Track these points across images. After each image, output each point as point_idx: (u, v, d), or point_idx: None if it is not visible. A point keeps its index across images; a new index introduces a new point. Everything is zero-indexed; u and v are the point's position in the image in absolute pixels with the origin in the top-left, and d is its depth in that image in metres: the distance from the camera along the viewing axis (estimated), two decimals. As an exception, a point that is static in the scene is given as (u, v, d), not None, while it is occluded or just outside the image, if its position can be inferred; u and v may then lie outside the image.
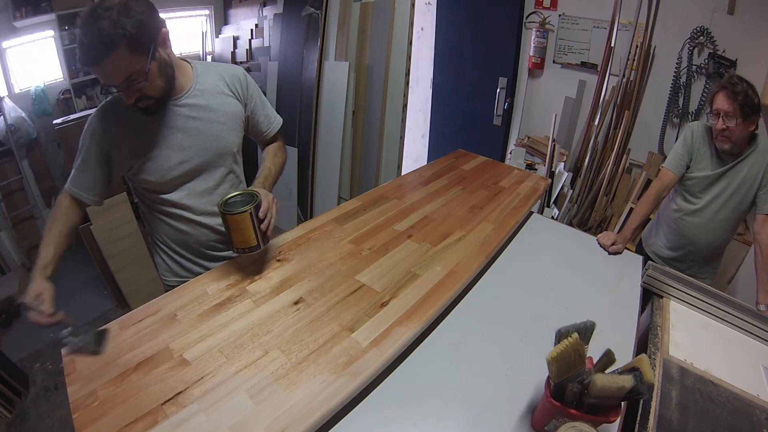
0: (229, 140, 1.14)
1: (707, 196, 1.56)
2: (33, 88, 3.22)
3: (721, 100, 1.42)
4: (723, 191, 1.53)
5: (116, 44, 0.83)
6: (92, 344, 0.86)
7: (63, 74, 3.37)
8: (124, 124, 1.02)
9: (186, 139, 1.07)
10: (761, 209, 1.47)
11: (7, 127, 2.98)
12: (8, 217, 3.16)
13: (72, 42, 3.31)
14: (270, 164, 1.22)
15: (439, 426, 0.80)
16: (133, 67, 0.88)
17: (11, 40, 3.08)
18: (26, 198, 3.26)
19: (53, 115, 3.22)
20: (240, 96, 1.16)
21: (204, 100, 1.09)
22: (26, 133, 3.12)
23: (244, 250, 1.00)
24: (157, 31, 0.94)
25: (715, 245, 1.64)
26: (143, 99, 0.96)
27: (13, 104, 3.06)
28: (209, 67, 1.14)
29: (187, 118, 1.06)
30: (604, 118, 2.61)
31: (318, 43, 2.92)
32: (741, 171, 1.49)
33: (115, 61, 0.85)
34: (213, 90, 1.11)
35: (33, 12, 3.07)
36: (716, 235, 1.60)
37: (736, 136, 1.42)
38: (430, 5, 3.32)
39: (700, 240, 1.61)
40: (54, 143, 3.38)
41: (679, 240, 1.66)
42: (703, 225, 1.59)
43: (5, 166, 3.12)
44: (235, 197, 1.01)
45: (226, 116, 1.12)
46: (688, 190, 1.61)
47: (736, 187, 1.50)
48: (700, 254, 1.65)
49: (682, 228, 1.64)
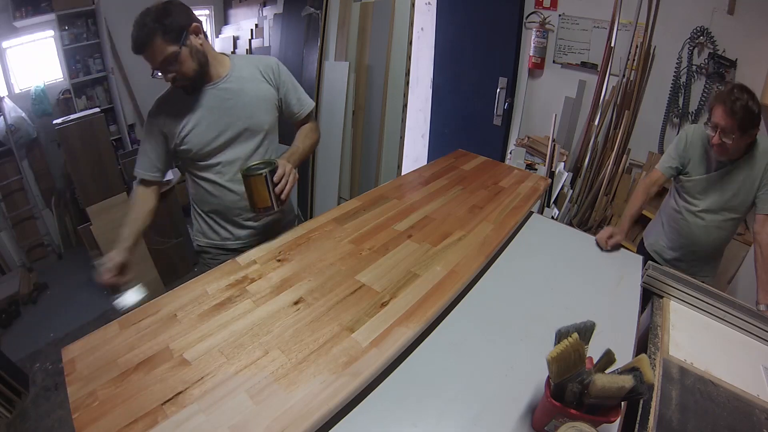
0: (260, 119, 1.33)
1: (708, 197, 1.55)
2: (33, 88, 3.22)
3: (719, 114, 1.36)
4: (723, 193, 1.52)
5: (153, 35, 1.09)
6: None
7: (63, 74, 3.38)
8: (173, 107, 1.26)
9: (222, 116, 1.27)
10: (761, 209, 1.46)
11: (7, 127, 2.98)
12: (8, 217, 3.16)
13: (72, 42, 3.31)
14: (299, 143, 1.39)
15: (439, 426, 0.80)
16: (166, 53, 1.11)
17: (11, 40, 3.09)
18: (26, 198, 3.26)
19: (53, 115, 3.22)
20: (272, 82, 1.34)
21: (239, 85, 1.28)
22: (26, 133, 3.12)
23: (261, 210, 1.15)
24: (188, 24, 1.15)
25: (717, 245, 1.63)
26: (179, 80, 1.18)
27: (13, 104, 3.06)
28: (246, 59, 1.36)
29: (223, 99, 1.26)
30: (604, 118, 2.61)
31: (318, 43, 2.92)
32: (741, 172, 1.47)
33: (153, 48, 1.10)
34: (248, 77, 1.30)
35: (33, 12, 3.07)
36: (718, 235, 1.59)
37: (733, 149, 1.40)
38: (430, 5, 3.31)
39: (701, 240, 1.61)
40: (54, 143, 3.38)
41: (680, 240, 1.66)
42: (704, 226, 1.59)
43: (5, 166, 3.12)
44: (258, 164, 1.16)
45: (258, 99, 1.31)
46: (687, 191, 1.60)
47: (737, 189, 1.49)
48: (701, 254, 1.65)
49: (684, 228, 1.63)
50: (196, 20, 1.18)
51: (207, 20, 4.31)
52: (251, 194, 1.13)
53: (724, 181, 1.50)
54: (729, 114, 1.33)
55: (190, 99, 1.25)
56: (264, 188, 1.12)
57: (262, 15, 3.83)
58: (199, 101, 1.25)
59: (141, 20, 1.10)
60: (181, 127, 1.25)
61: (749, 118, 1.32)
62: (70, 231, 3.54)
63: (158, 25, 1.08)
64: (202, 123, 1.26)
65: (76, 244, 3.53)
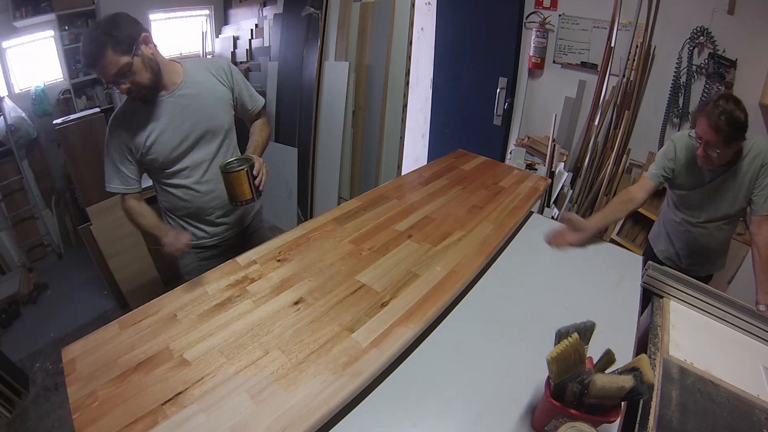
0: (220, 119, 1.37)
1: (705, 210, 1.55)
2: (33, 88, 3.22)
3: (703, 128, 1.33)
4: (720, 203, 1.52)
5: (104, 48, 1.08)
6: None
7: (63, 74, 3.37)
8: (133, 120, 1.26)
9: (184, 122, 1.29)
10: (756, 210, 1.46)
11: (7, 127, 2.98)
12: (8, 217, 3.16)
13: (72, 42, 3.31)
14: (257, 137, 1.45)
15: (439, 426, 0.80)
16: (119, 64, 1.11)
17: (11, 40, 3.08)
18: (26, 198, 3.26)
19: (53, 115, 3.22)
20: (226, 82, 1.38)
21: (195, 89, 1.30)
22: (26, 133, 3.12)
23: (242, 202, 1.20)
24: (138, 34, 1.15)
25: (724, 242, 1.67)
26: (135, 90, 1.17)
27: (13, 104, 3.06)
28: (196, 63, 1.37)
29: (182, 106, 1.28)
30: (604, 118, 2.61)
31: (318, 43, 2.92)
32: (734, 180, 1.46)
33: (105, 61, 1.09)
34: (202, 81, 1.33)
35: (33, 12, 3.07)
36: (723, 236, 1.62)
37: (719, 161, 1.39)
38: (430, 5, 3.31)
39: (710, 245, 1.63)
40: (54, 143, 3.38)
41: (691, 248, 1.67)
42: (708, 234, 1.60)
43: (5, 166, 3.12)
44: (233, 161, 1.21)
45: (215, 100, 1.35)
46: (684, 204, 1.60)
47: (733, 197, 1.48)
48: (712, 255, 1.68)
49: (690, 239, 1.65)
50: (145, 30, 1.19)
51: (207, 20, 4.30)
52: (233, 189, 1.19)
53: (719, 191, 1.50)
54: (713, 128, 1.30)
55: (150, 109, 1.25)
56: (245, 182, 1.19)
57: (262, 15, 3.83)
58: (159, 110, 1.26)
59: (90, 34, 1.09)
60: (145, 138, 1.26)
61: (734, 130, 1.30)
62: (70, 231, 3.54)
63: (108, 37, 1.08)
64: (166, 131, 1.27)
65: (76, 244, 3.53)
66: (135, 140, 1.26)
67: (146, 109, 1.25)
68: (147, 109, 1.25)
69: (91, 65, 1.10)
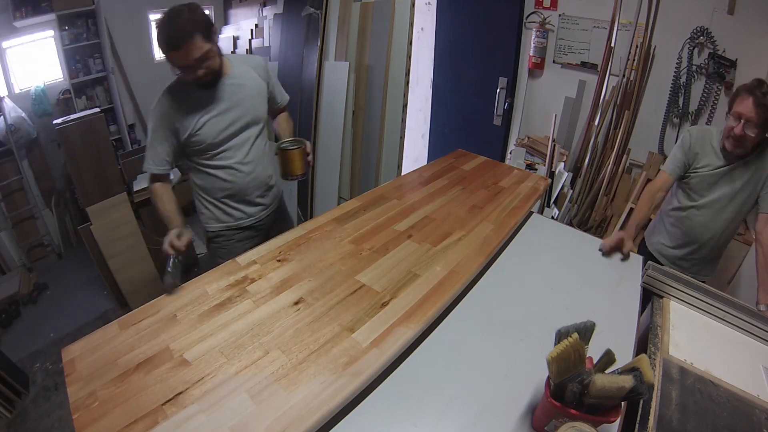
0: (260, 109, 1.51)
1: (712, 193, 1.54)
2: (33, 88, 3.22)
3: (747, 105, 1.33)
4: (728, 189, 1.51)
5: (193, 33, 1.18)
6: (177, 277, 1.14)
7: (63, 74, 3.37)
8: (185, 100, 1.34)
9: (234, 107, 1.40)
10: (763, 208, 1.46)
11: (7, 127, 2.98)
12: (8, 217, 3.16)
13: (72, 42, 3.31)
14: (286, 125, 1.65)
15: (439, 426, 0.80)
16: (204, 49, 1.22)
17: (11, 40, 3.08)
18: (26, 198, 3.26)
19: (53, 115, 3.22)
20: (264, 77, 1.51)
21: (242, 80, 1.43)
22: (26, 133, 3.12)
23: (297, 176, 1.40)
24: (212, 25, 1.27)
25: (719, 243, 1.63)
26: (208, 74, 1.28)
27: (13, 104, 3.06)
28: (237, 58, 1.50)
29: (232, 93, 1.39)
30: (604, 118, 2.61)
31: (318, 43, 2.92)
32: (748, 170, 1.46)
33: (191, 46, 1.19)
34: (246, 74, 1.45)
35: (33, 12, 3.07)
36: (720, 232, 1.59)
37: (751, 143, 1.38)
38: (430, 5, 3.31)
39: (704, 237, 1.60)
40: (54, 143, 3.38)
41: (683, 238, 1.65)
42: (706, 222, 1.58)
43: (5, 166, 3.12)
44: (287, 142, 1.39)
45: (257, 92, 1.48)
46: (691, 188, 1.59)
47: (742, 185, 1.48)
48: (704, 251, 1.64)
49: (686, 225, 1.63)
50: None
51: (207, 20, 4.30)
52: (289, 165, 1.37)
53: (732, 175, 1.49)
54: (758, 106, 1.31)
55: (204, 93, 1.35)
56: (302, 159, 1.38)
57: (262, 15, 3.83)
58: (216, 94, 1.36)
59: (174, 20, 1.17)
60: (197, 120, 1.34)
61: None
62: (70, 231, 3.54)
63: (197, 24, 1.19)
64: (218, 114, 1.37)
65: (76, 244, 3.53)
66: (185, 121, 1.33)
67: (200, 91, 1.34)
68: (200, 91, 1.34)
69: (176, 48, 1.17)
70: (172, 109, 1.33)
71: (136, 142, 3.87)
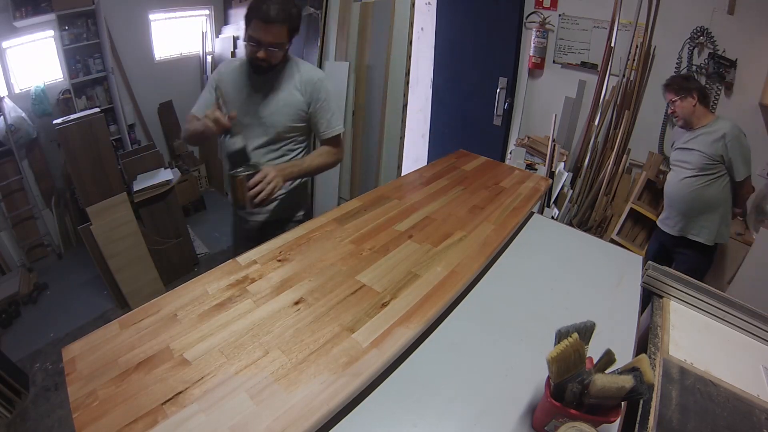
0: (279, 121, 1.45)
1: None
2: (33, 88, 3.22)
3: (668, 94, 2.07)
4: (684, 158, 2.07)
5: (290, 19, 1.27)
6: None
7: (63, 74, 3.37)
8: (232, 73, 1.46)
9: (250, 104, 1.42)
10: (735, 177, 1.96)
11: (7, 127, 2.98)
12: (8, 217, 3.16)
13: (72, 42, 3.31)
14: (307, 158, 1.51)
15: (439, 426, 0.80)
16: (284, 38, 1.30)
17: (11, 40, 3.09)
18: (26, 198, 3.26)
19: (53, 115, 3.22)
20: (304, 93, 1.44)
21: (279, 83, 1.43)
22: (26, 133, 3.12)
23: (235, 205, 1.33)
24: (299, 29, 1.36)
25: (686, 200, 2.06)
26: (267, 60, 1.32)
27: (13, 104, 3.06)
28: (300, 63, 1.48)
29: (266, 89, 1.42)
30: (604, 118, 2.61)
31: (318, 43, 2.92)
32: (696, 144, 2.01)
33: (280, 28, 1.27)
34: (287, 82, 1.44)
35: (33, 12, 3.07)
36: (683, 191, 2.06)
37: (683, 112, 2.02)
38: (430, 5, 3.31)
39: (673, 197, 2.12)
40: (54, 143, 3.38)
41: (680, 192, 2.10)
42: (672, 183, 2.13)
43: (5, 166, 3.12)
44: (248, 166, 1.28)
45: (284, 102, 1.43)
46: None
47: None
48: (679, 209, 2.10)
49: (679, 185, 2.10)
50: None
51: (207, 20, 4.30)
52: (231, 191, 1.28)
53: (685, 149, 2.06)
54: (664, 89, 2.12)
55: (245, 74, 1.42)
56: (240, 189, 1.25)
57: (262, 15, 3.82)
58: (252, 80, 1.42)
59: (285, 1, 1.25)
60: (225, 93, 1.40)
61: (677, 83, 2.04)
62: (70, 231, 3.54)
63: (294, 15, 1.28)
64: (241, 98, 1.42)
65: (76, 244, 3.54)
66: (221, 86, 1.42)
67: (243, 72, 1.43)
68: (244, 72, 1.43)
69: (272, 21, 1.23)
70: (221, 75, 1.45)
71: (136, 142, 3.88)
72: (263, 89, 1.43)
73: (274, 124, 1.45)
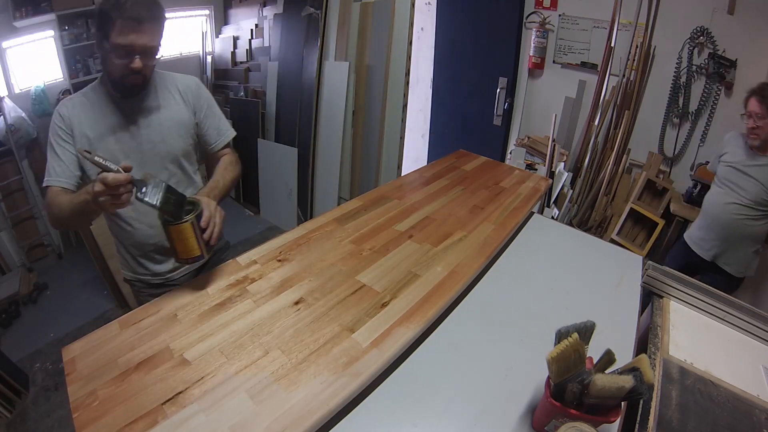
0: (173, 145, 1.18)
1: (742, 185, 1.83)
2: (33, 88, 3.22)
3: (752, 103, 1.70)
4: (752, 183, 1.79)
5: (161, 18, 1.02)
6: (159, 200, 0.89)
7: (63, 74, 3.37)
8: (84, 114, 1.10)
9: (132, 138, 1.13)
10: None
11: (7, 127, 2.98)
12: (8, 217, 3.16)
13: (72, 42, 3.31)
14: (219, 177, 1.21)
15: (439, 426, 0.80)
16: (159, 42, 1.04)
17: (11, 40, 3.08)
18: (26, 198, 3.26)
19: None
20: (188, 103, 1.21)
21: (157, 101, 1.16)
22: (26, 133, 3.12)
23: (187, 260, 0.99)
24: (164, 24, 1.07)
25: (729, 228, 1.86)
26: (142, 74, 1.06)
27: (13, 104, 3.06)
28: (165, 74, 1.22)
29: (143, 114, 1.13)
30: (604, 118, 2.61)
31: (318, 43, 2.92)
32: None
33: (155, 29, 1.01)
34: (164, 95, 1.18)
35: (33, 12, 3.07)
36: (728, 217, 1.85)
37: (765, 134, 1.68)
38: (430, 5, 3.31)
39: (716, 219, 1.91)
40: (54, 143, 3.37)
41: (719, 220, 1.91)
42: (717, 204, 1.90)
43: (5, 166, 3.12)
44: (174, 208, 0.95)
45: (172, 121, 1.17)
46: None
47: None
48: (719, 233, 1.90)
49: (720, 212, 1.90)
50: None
51: (207, 20, 4.30)
52: (176, 244, 0.96)
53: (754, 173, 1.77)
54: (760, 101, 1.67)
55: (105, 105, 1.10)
56: (191, 236, 0.95)
57: (262, 15, 3.83)
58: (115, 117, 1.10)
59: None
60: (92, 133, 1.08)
61: None
62: (70, 231, 3.54)
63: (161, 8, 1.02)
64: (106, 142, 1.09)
65: (76, 244, 3.53)
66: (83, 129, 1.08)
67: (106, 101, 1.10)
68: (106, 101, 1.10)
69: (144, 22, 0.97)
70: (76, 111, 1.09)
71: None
72: (141, 113, 1.12)
73: (171, 152, 1.17)
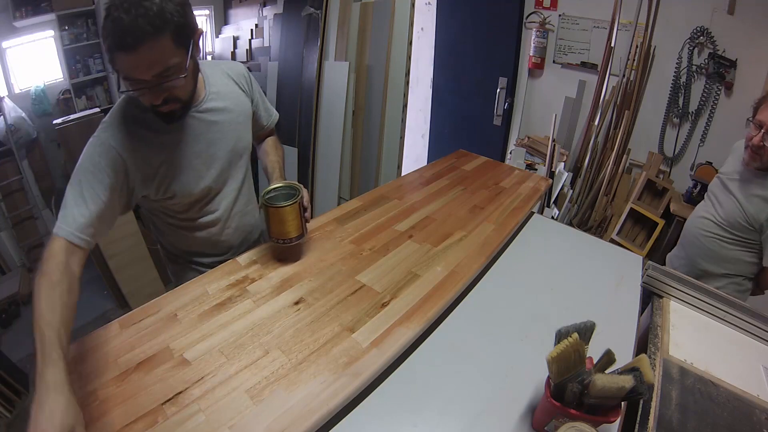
0: (247, 139, 1.15)
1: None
2: (33, 88, 3.22)
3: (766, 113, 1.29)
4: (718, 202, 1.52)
5: (162, 29, 0.74)
6: None
7: (63, 74, 3.38)
8: (140, 142, 0.89)
9: (210, 146, 1.03)
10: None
11: (7, 127, 2.98)
12: (8, 217, 3.16)
13: (72, 42, 3.31)
14: (276, 158, 1.26)
15: (439, 426, 0.80)
16: (172, 60, 0.78)
17: (11, 40, 3.09)
18: (26, 198, 3.26)
19: (53, 115, 3.22)
20: (246, 91, 1.15)
21: (222, 102, 1.04)
22: (26, 133, 3.12)
23: (291, 240, 1.05)
24: (195, 28, 0.85)
25: (696, 245, 1.59)
26: (171, 101, 0.85)
27: (13, 104, 3.06)
28: (213, 66, 1.10)
29: (209, 124, 1.01)
30: (604, 118, 2.61)
31: (318, 43, 2.92)
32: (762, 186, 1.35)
33: (157, 48, 0.75)
34: (226, 91, 1.07)
35: (33, 12, 3.07)
36: (698, 232, 1.58)
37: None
38: (430, 5, 3.32)
39: (686, 233, 1.66)
40: (54, 143, 3.38)
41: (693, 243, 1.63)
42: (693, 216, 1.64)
43: (5, 166, 3.12)
44: (276, 190, 1.06)
45: (242, 115, 1.12)
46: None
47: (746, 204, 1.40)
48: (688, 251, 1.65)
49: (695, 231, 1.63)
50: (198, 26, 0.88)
51: (207, 20, 4.30)
52: (280, 225, 1.01)
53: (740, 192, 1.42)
54: None
55: (163, 132, 0.93)
56: (297, 217, 1.01)
57: (262, 15, 3.83)
58: (178, 133, 0.95)
59: (139, 3, 0.72)
60: (153, 174, 0.93)
61: None
62: (70, 231, 3.54)
63: (169, 17, 0.75)
64: (186, 161, 0.97)
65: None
66: (137, 171, 0.90)
67: (157, 130, 0.91)
68: (158, 130, 0.92)
69: (131, 48, 0.72)
70: (124, 150, 0.86)
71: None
72: (206, 116, 1.01)
73: (246, 147, 1.13)
